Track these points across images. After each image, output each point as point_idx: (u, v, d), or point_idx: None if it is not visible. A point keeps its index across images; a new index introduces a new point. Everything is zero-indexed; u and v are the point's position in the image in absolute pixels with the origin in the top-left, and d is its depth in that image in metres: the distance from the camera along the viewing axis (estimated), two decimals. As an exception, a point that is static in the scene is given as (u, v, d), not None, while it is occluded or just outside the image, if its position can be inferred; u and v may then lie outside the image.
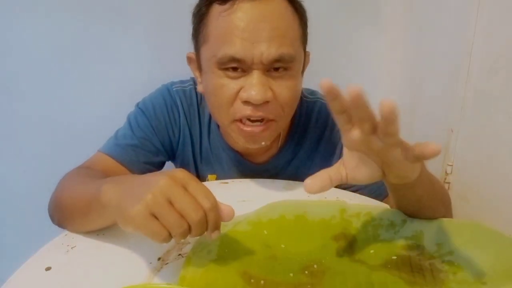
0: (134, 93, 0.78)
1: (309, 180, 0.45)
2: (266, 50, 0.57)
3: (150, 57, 1.08)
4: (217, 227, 0.43)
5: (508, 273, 0.46)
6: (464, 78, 0.88)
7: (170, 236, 0.40)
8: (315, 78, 0.82)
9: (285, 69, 0.60)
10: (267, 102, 0.59)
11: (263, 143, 0.64)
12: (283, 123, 0.65)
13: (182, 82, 0.77)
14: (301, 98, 0.75)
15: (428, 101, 1.07)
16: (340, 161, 0.47)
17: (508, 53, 0.75)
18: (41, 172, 1.05)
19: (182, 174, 0.43)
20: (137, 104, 0.76)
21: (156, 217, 0.40)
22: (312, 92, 0.78)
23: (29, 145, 1.11)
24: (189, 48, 0.68)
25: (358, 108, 0.40)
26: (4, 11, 1.00)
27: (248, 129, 0.61)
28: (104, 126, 0.75)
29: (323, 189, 0.45)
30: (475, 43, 0.84)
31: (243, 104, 0.60)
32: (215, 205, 0.42)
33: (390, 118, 0.38)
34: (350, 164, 0.46)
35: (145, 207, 0.39)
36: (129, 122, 0.74)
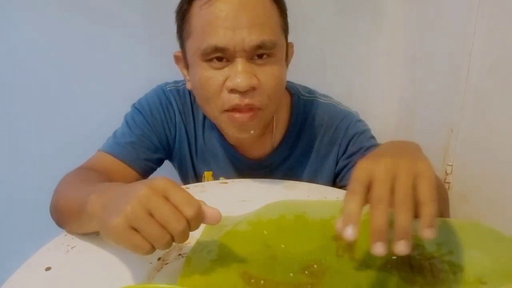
0: (131, 95, 0.78)
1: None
2: (247, 36, 0.58)
3: (146, 59, 1.08)
4: (197, 228, 0.41)
5: (508, 273, 0.46)
6: (464, 78, 0.88)
7: (153, 248, 0.39)
8: (315, 78, 0.83)
9: (268, 55, 0.61)
10: (253, 89, 0.60)
11: (252, 131, 0.65)
12: (270, 111, 0.66)
13: (176, 82, 0.78)
14: (298, 96, 0.76)
15: (428, 101, 1.07)
16: None
17: (508, 53, 0.75)
18: (41, 172, 1.04)
19: (162, 182, 0.40)
20: (133, 105, 0.77)
21: (137, 230, 0.38)
22: (310, 91, 0.78)
23: (29, 145, 1.11)
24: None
25: None
26: (3, 11, 1.00)
27: (238, 115, 0.62)
28: (103, 127, 0.75)
29: None
30: (475, 43, 0.84)
31: (230, 93, 0.61)
32: (198, 213, 0.40)
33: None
34: None
35: (124, 221, 0.38)
36: (126, 121, 0.75)
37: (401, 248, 0.36)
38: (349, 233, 0.37)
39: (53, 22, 1.02)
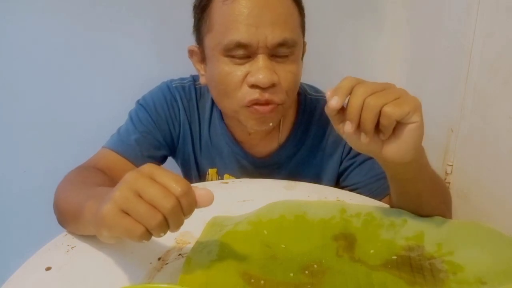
0: (134, 92, 0.78)
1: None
2: (270, 34, 0.59)
3: (150, 56, 1.08)
4: (191, 211, 0.41)
5: (508, 273, 0.46)
6: (464, 78, 0.88)
7: (147, 231, 0.38)
8: (316, 77, 0.83)
9: (288, 54, 0.62)
10: (273, 85, 0.61)
11: (270, 124, 0.66)
12: (287, 107, 0.67)
13: (181, 79, 0.78)
14: (304, 95, 0.76)
15: (428, 101, 1.06)
16: None
17: (508, 53, 0.75)
18: (41, 172, 1.05)
19: (148, 167, 0.41)
20: (138, 101, 0.77)
21: (128, 214, 0.38)
22: (317, 90, 0.79)
23: (29, 145, 1.11)
24: (190, 44, 0.69)
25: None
26: (4, 11, 1.00)
27: (260, 108, 0.63)
28: (104, 126, 0.75)
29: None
30: (475, 43, 0.84)
31: (251, 88, 0.62)
32: (187, 190, 0.39)
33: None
34: None
35: (113, 205, 0.38)
36: (130, 118, 0.75)
37: (347, 127, 0.47)
38: (335, 101, 0.46)
39: (56, 19, 1.02)
